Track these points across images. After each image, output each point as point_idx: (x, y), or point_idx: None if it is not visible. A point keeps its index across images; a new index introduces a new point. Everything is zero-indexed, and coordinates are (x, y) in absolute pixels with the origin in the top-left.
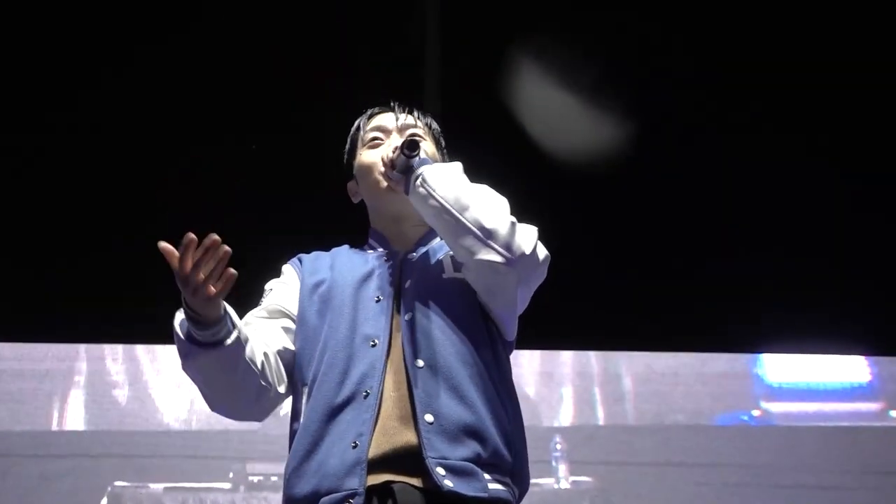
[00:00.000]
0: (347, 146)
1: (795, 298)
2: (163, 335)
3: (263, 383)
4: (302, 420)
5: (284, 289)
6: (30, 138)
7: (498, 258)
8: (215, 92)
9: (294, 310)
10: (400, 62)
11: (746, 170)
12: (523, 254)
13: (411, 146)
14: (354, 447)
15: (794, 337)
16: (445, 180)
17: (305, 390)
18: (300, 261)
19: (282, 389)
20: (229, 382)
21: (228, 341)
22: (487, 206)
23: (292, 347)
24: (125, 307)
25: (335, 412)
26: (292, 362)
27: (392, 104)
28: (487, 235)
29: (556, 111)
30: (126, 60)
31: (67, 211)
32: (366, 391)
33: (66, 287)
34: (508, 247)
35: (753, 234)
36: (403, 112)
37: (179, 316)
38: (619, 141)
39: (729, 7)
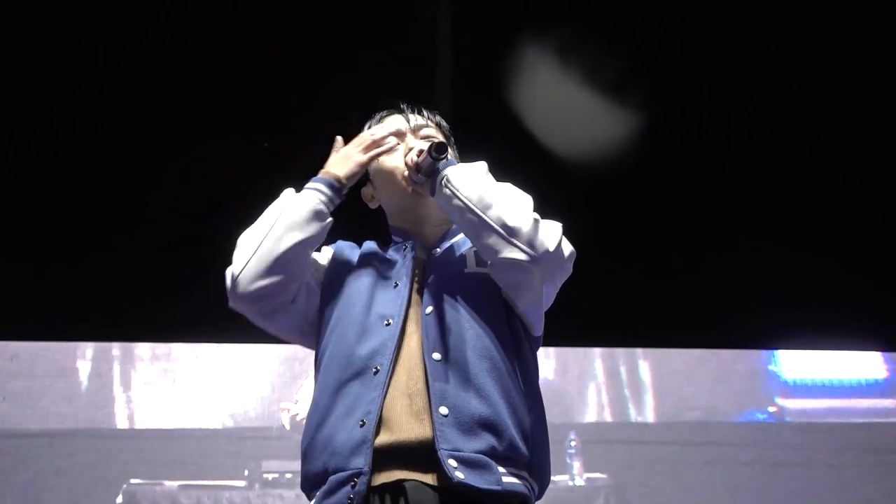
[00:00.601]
0: None
1: (811, 295)
2: (179, 334)
3: (298, 283)
4: (314, 394)
5: (320, 256)
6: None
7: (521, 256)
8: (221, 91)
9: (322, 273)
10: (410, 61)
11: (760, 168)
12: (547, 251)
13: (439, 148)
14: (362, 425)
15: (809, 333)
16: (469, 180)
17: (315, 363)
18: (336, 243)
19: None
20: (299, 246)
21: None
22: (510, 205)
23: (315, 286)
24: (140, 306)
25: (342, 385)
26: (309, 298)
27: (402, 105)
28: (510, 233)
29: (567, 109)
30: (129, 61)
31: (73, 211)
32: (376, 367)
33: (80, 286)
34: (531, 244)
35: (769, 231)
36: (413, 112)
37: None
38: (629, 139)
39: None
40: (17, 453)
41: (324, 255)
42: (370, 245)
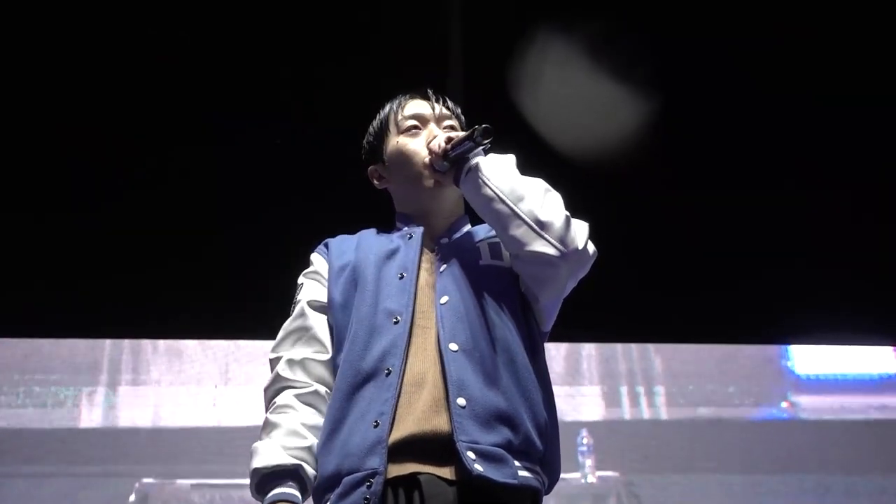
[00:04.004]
0: (374, 129)
1: (824, 290)
2: (192, 331)
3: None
4: (329, 399)
5: (315, 281)
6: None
7: (551, 251)
8: (231, 90)
9: (326, 285)
10: (423, 59)
11: (778, 164)
12: (576, 248)
13: (486, 133)
14: (376, 426)
15: (823, 328)
16: (500, 170)
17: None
18: (326, 246)
19: None
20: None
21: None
22: (543, 199)
23: (323, 300)
24: (151, 303)
25: (356, 388)
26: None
27: (427, 92)
28: (542, 227)
29: (580, 106)
30: (133, 68)
31: (79, 209)
32: (387, 369)
33: (91, 284)
34: (562, 240)
35: (781, 226)
36: (438, 101)
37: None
38: (646, 136)
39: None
40: (29, 452)
41: (321, 267)
42: (368, 233)
